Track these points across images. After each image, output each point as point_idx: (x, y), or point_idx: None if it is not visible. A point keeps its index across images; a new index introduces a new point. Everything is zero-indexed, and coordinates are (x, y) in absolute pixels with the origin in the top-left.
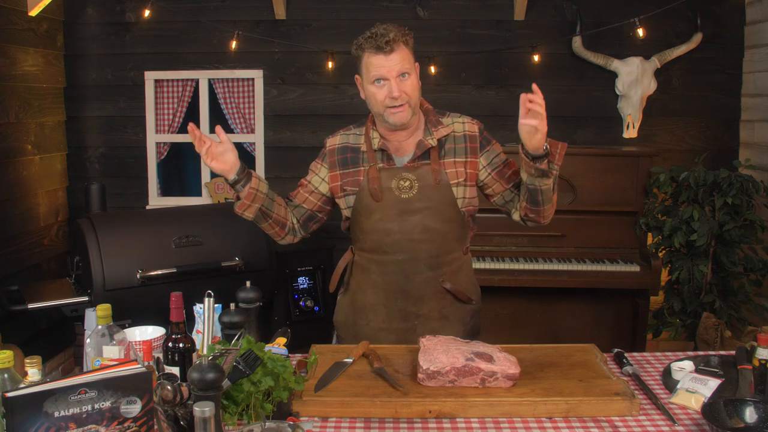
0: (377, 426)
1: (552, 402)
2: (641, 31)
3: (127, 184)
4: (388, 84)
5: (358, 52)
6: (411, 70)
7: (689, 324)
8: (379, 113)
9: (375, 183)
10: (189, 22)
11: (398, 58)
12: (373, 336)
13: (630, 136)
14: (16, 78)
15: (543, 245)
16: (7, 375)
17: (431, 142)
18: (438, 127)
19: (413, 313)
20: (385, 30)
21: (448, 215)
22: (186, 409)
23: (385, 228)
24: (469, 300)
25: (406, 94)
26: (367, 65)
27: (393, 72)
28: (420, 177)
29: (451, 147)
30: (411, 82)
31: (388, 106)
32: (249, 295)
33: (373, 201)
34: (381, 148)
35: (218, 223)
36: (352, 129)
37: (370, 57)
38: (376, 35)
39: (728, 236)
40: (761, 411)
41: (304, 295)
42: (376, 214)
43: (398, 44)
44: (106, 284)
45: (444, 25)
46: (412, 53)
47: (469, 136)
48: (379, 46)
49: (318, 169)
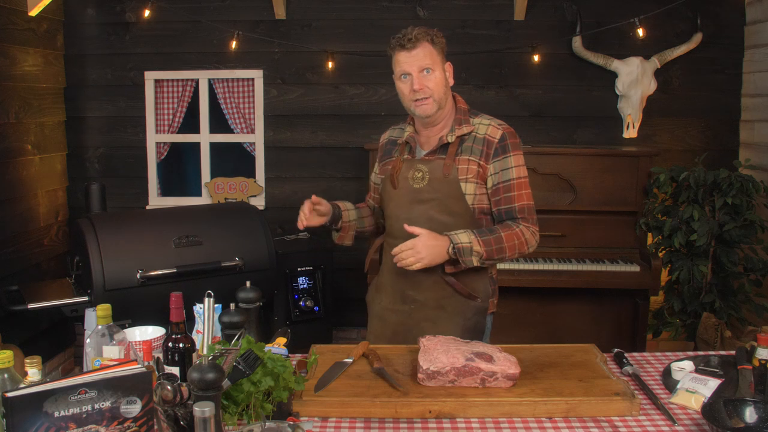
0: (377, 426)
1: (552, 402)
2: (641, 31)
3: (127, 184)
4: (411, 78)
5: (390, 52)
6: (435, 67)
7: (689, 324)
8: (407, 107)
9: (395, 171)
10: (189, 22)
11: (420, 54)
12: (382, 314)
13: (630, 136)
14: (16, 78)
15: (543, 245)
16: (7, 375)
17: (450, 138)
18: (462, 125)
19: (411, 297)
20: (410, 30)
21: (454, 209)
22: (186, 409)
23: (397, 214)
24: (472, 297)
25: (429, 88)
26: (395, 62)
27: (414, 67)
28: (432, 169)
29: (469, 146)
30: (435, 77)
31: (413, 100)
32: (249, 295)
33: (392, 188)
34: (407, 141)
35: (218, 223)
36: (400, 125)
37: (397, 54)
38: (403, 35)
39: (728, 236)
40: (761, 411)
41: (304, 295)
42: (392, 200)
43: (421, 42)
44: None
45: (444, 25)
46: (439, 52)
47: (488, 140)
48: (402, 44)
49: (375, 165)
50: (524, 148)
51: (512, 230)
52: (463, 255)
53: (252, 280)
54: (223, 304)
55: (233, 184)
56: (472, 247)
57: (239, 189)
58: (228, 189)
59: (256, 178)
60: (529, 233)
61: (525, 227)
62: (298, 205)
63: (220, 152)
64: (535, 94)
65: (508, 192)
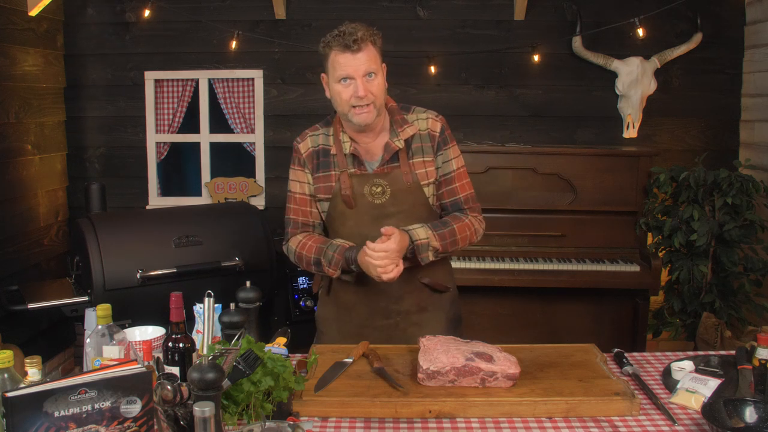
0: (377, 426)
1: (552, 402)
2: (641, 31)
3: (127, 184)
4: (354, 83)
5: (325, 49)
6: (378, 71)
7: (689, 324)
8: (343, 113)
9: (348, 190)
10: (189, 22)
11: (365, 57)
12: (358, 332)
13: (630, 136)
14: (16, 78)
15: (543, 245)
16: (7, 375)
17: (398, 144)
18: (404, 127)
19: (395, 310)
20: (353, 29)
21: (421, 216)
22: (186, 409)
23: (361, 234)
24: (446, 288)
25: (372, 94)
26: (334, 63)
27: (360, 71)
28: (391, 182)
29: (419, 146)
30: (377, 83)
31: (353, 106)
32: (249, 295)
33: (347, 208)
34: (352, 153)
35: (218, 223)
36: (320, 129)
37: (337, 55)
38: (344, 33)
39: (728, 236)
40: (761, 411)
41: (304, 295)
42: (350, 220)
43: (366, 43)
44: (106, 284)
45: (444, 25)
46: (379, 53)
47: (431, 135)
48: (346, 45)
49: (303, 177)
50: (524, 148)
51: (462, 222)
52: (421, 252)
53: (252, 280)
54: (223, 304)
55: (233, 184)
56: (430, 242)
57: (239, 189)
58: (228, 189)
59: (256, 178)
60: (477, 222)
61: (473, 217)
62: None
63: (220, 152)
64: (535, 94)
65: (451, 184)
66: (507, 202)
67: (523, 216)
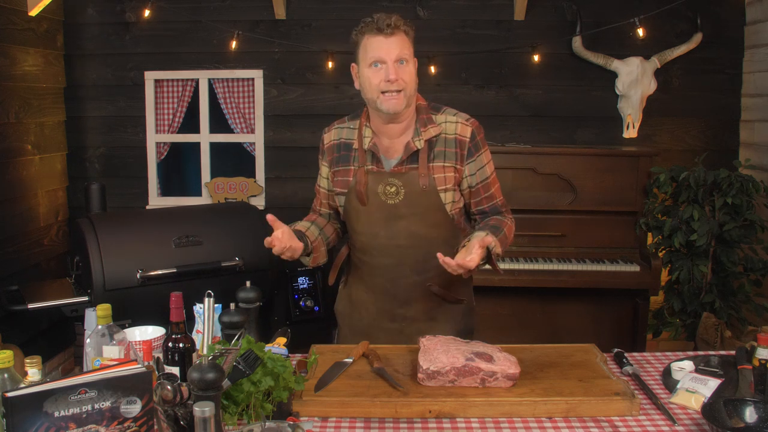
0: (377, 426)
1: (552, 402)
2: (641, 31)
3: (127, 184)
4: (385, 67)
5: (358, 36)
6: (410, 59)
7: (689, 324)
8: (372, 99)
9: (362, 186)
10: (189, 22)
11: (398, 42)
12: (367, 331)
13: (630, 136)
14: (16, 78)
15: (543, 245)
16: (7, 375)
17: (418, 144)
18: (428, 127)
19: (400, 315)
20: (387, 15)
21: (435, 220)
22: (186, 409)
23: (372, 232)
24: (459, 300)
25: (403, 81)
26: (366, 47)
27: (392, 55)
28: (407, 183)
29: (441, 150)
30: (409, 70)
31: (382, 91)
32: (249, 295)
33: (359, 204)
34: (371, 149)
35: (218, 223)
36: (347, 122)
37: (370, 38)
38: (378, 19)
39: (728, 236)
40: (761, 411)
41: (304, 295)
42: (363, 216)
43: (399, 30)
44: (106, 284)
45: (444, 25)
46: (412, 44)
47: (459, 140)
48: (380, 28)
49: (321, 168)
50: (524, 148)
51: (507, 225)
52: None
53: (252, 280)
54: (223, 304)
55: (233, 184)
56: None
57: (239, 189)
58: (228, 189)
59: (256, 178)
60: (513, 225)
61: (510, 219)
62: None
63: (220, 152)
64: (535, 94)
65: (489, 190)
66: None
67: (523, 216)
